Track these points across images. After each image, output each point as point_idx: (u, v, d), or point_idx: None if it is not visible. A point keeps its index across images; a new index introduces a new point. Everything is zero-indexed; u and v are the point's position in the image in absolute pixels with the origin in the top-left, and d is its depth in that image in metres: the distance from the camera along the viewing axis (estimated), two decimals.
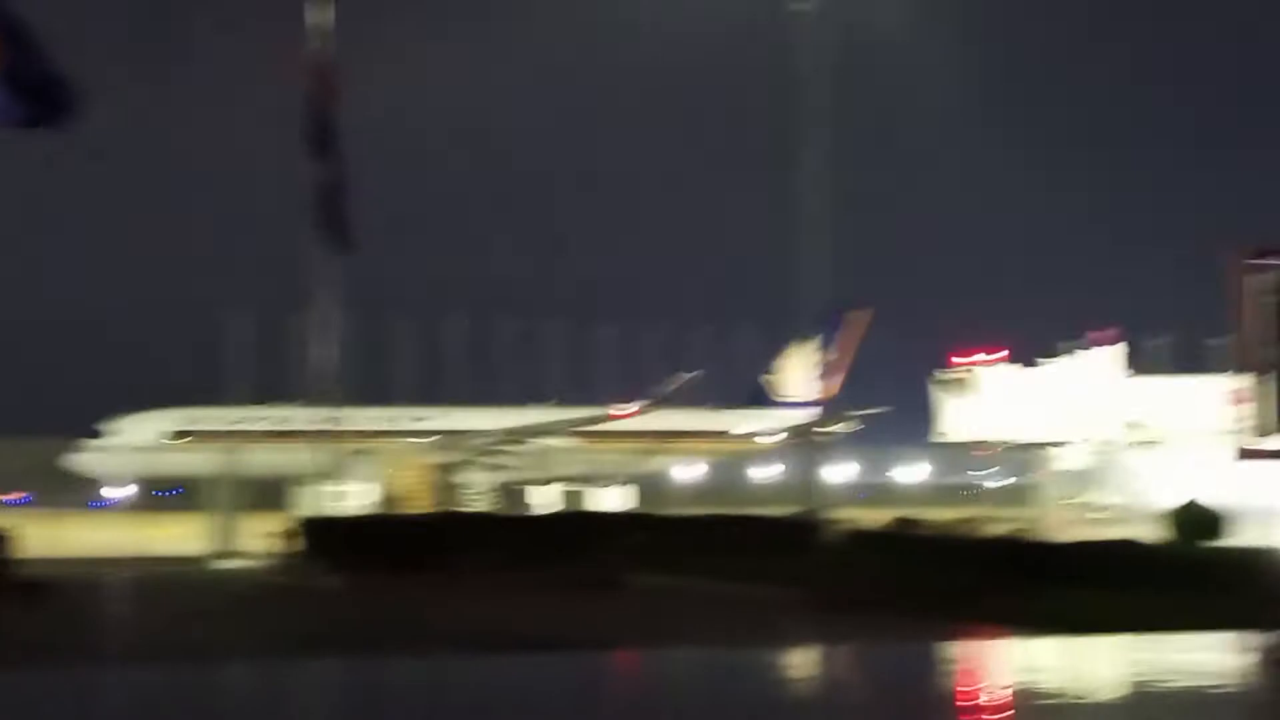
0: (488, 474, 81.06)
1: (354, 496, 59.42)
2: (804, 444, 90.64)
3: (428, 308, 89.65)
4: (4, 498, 76.10)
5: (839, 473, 63.06)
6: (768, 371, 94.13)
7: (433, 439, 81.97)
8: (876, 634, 26.22)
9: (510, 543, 38.74)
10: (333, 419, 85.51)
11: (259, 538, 45.16)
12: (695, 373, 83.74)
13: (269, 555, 40.98)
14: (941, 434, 54.03)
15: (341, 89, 38.41)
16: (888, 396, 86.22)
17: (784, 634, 26.67)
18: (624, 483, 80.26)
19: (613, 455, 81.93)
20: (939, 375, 54.26)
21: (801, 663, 22.13)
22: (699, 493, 76.63)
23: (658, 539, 40.37)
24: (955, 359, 54.17)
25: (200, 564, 44.30)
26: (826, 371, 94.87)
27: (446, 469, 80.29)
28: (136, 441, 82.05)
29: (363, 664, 21.09)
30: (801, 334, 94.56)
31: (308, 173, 38.75)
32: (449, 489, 77.66)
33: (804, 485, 46.04)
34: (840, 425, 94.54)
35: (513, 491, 77.06)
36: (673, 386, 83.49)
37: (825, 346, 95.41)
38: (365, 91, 39.93)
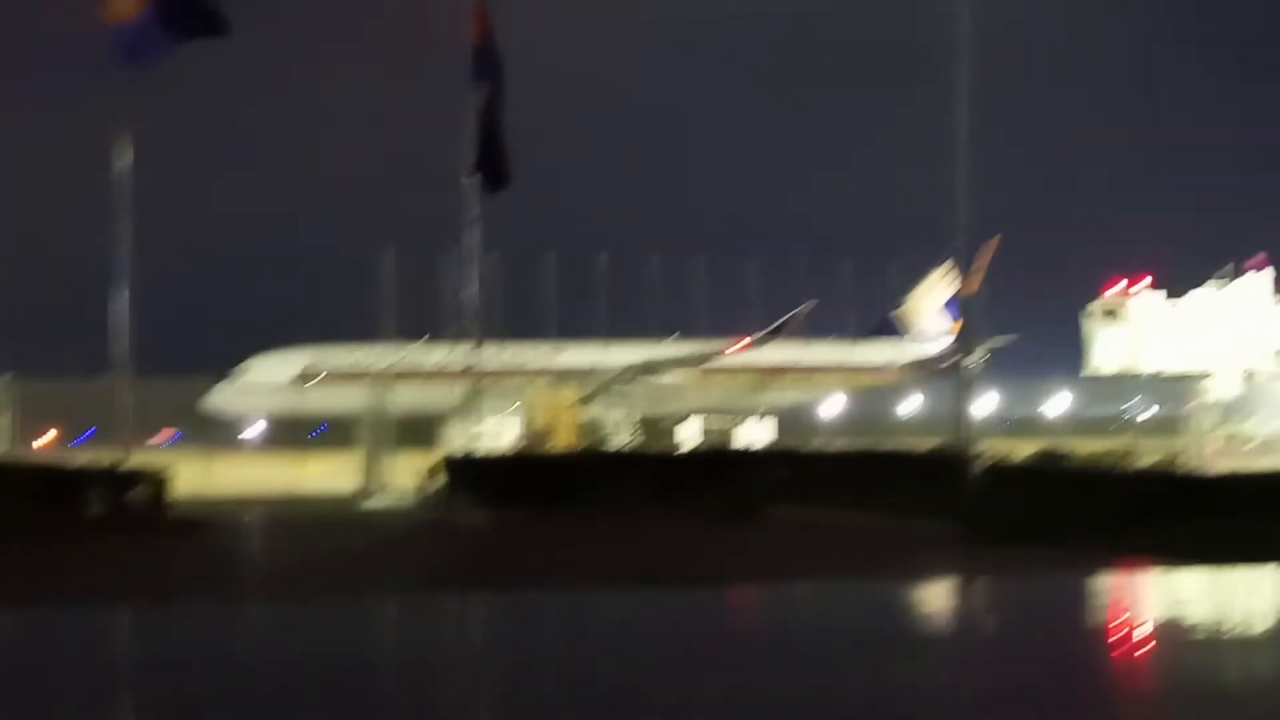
0: (614, 410, 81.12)
1: (497, 434, 59.93)
2: (945, 375, 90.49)
3: (568, 245, 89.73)
4: (156, 438, 77.35)
5: (983, 404, 62.46)
6: (898, 303, 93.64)
7: (552, 376, 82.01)
8: (1024, 567, 26.00)
9: (652, 479, 38.77)
10: (457, 357, 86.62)
11: (405, 475, 45.65)
12: (806, 305, 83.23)
13: (415, 493, 41.36)
14: (1093, 365, 53.50)
15: (493, 27, 38.38)
16: (1034, 326, 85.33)
17: (930, 567, 26.49)
18: (762, 417, 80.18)
19: (736, 389, 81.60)
20: (1090, 306, 53.69)
21: (949, 596, 22.00)
22: (842, 426, 76.25)
23: (801, 474, 40.24)
24: (1106, 289, 53.58)
25: (348, 502, 44.82)
26: (956, 301, 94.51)
27: (583, 405, 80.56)
28: (265, 381, 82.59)
29: (511, 599, 21.22)
30: (932, 264, 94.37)
31: (459, 113, 38.97)
32: (592, 426, 78.00)
33: (948, 418, 45.57)
34: (970, 356, 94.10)
35: (656, 428, 77.21)
36: (786, 319, 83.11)
37: (957, 277, 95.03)
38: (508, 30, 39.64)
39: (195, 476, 43.56)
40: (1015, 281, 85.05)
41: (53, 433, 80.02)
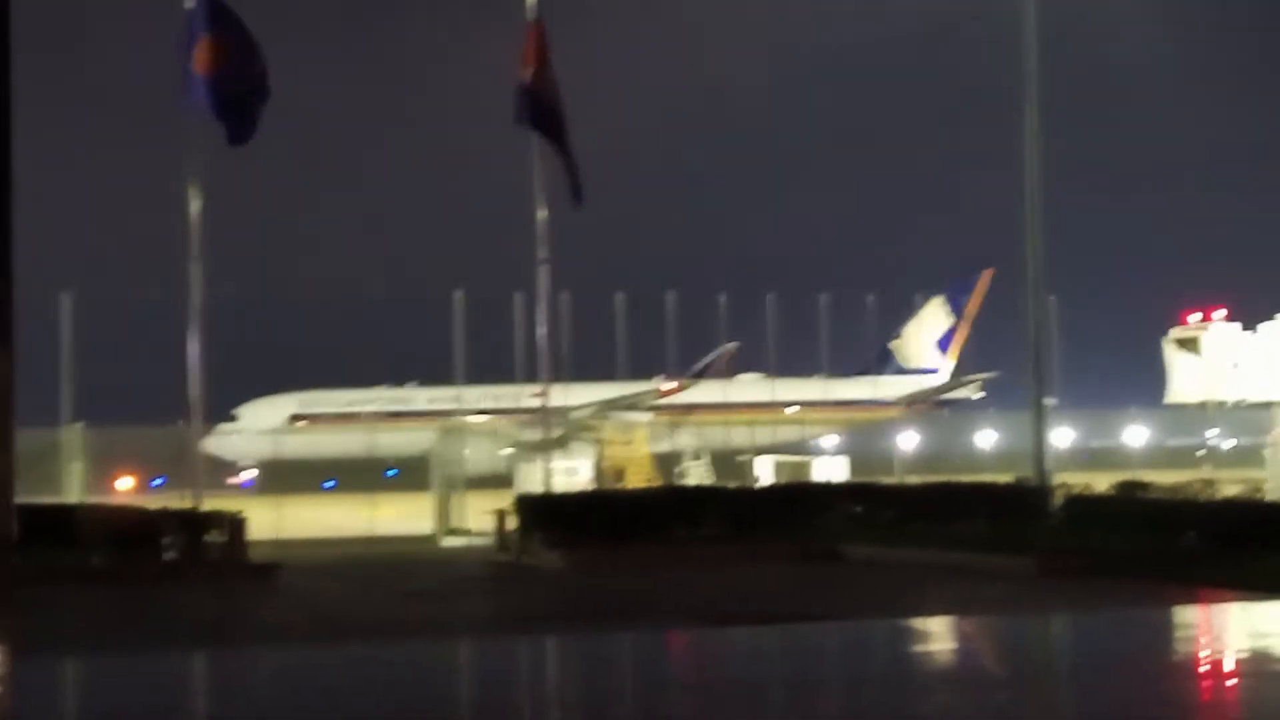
0: (590, 449, 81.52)
1: (572, 473, 59.93)
2: (940, 408, 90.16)
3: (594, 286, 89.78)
4: (234, 480, 77.79)
5: (1060, 436, 62.04)
6: (895, 336, 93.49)
7: (527, 416, 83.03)
8: (1106, 600, 25.77)
9: (728, 516, 38.67)
10: (445, 398, 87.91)
11: (478, 516, 45.66)
12: (730, 346, 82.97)
13: (489, 533, 41.36)
14: (1172, 394, 53.01)
15: (551, 59, 38.57)
16: (1113, 355, 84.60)
17: (1010, 602, 26.30)
18: (837, 452, 79.97)
19: (722, 428, 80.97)
20: (1169, 335, 53.25)
21: (1033, 631, 21.78)
22: (917, 460, 75.86)
23: (877, 509, 40.08)
24: (1184, 318, 53.13)
25: (423, 543, 44.86)
26: (953, 334, 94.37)
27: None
28: (259, 425, 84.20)
29: (593, 638, 21.15)
30: (927, 297, 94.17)
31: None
32: (666, 463, 78.08)
33: (1025, 450, 45.27)
34: (965, 390, 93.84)
35: (733, 464, 77.03)
36: (710, 360, 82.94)
37: (953, 310, 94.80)
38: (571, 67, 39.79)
39: (270, 519, 43.70)
40: (1093, 310, 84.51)
41: (130, 479, 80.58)
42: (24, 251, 6.83)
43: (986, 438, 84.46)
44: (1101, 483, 40.32)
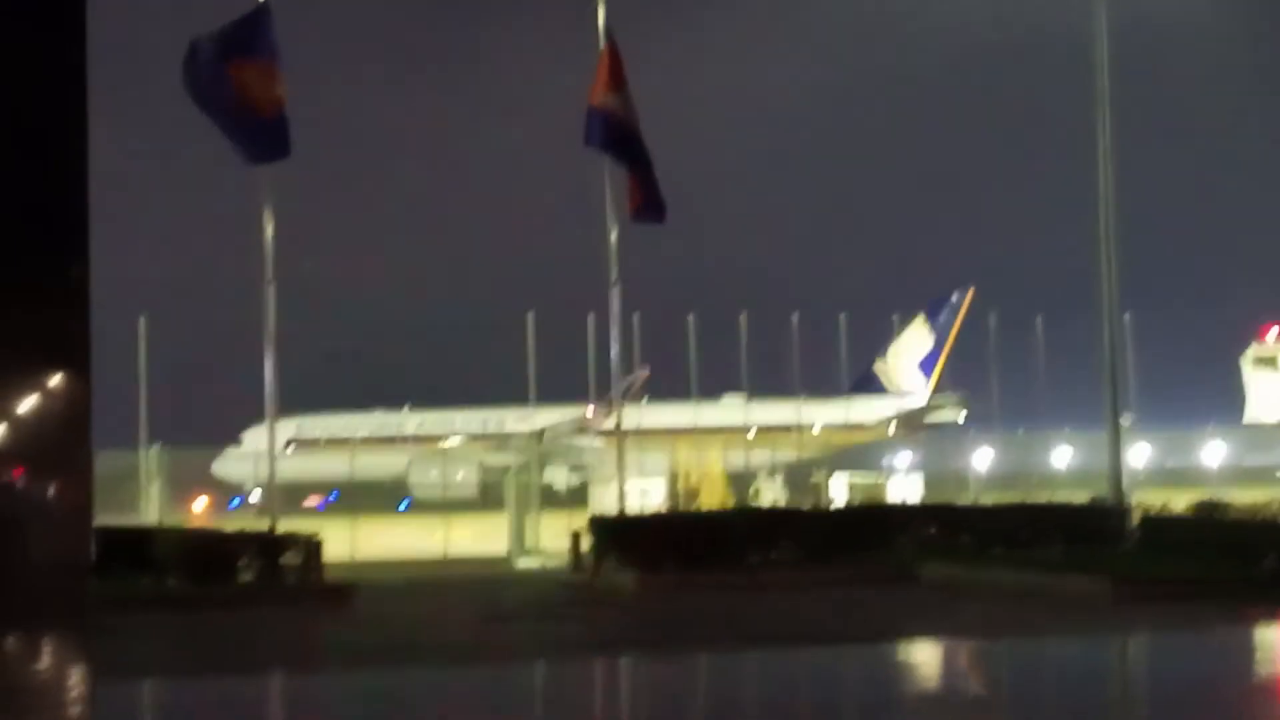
0: (566, 472, 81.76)
1: (645, 494, 59.82)
2: (924, 430, 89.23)
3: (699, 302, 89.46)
4: (310, 501, 78.29)
5: (1137, 455, 61.52)
6: (879, 357, 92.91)
7: (485, 439, 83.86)
8: (1185, 622, 25.48)
9: (801, 538, 38.48)
10: (433, 423, 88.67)
11: (552, 537, 45.64)
12: (642, 370, 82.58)
13: (563, 554, 41.32)
14: (1250, 413, 52.59)
15: (627, 79, 38.58)
16: (1190, 373, 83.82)
17: (1089, 626, 26.06)
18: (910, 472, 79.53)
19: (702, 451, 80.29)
20: (1248, 353, 52.86)
21: (1114, 653, 21.58)
22: (992, 480, 75.33)
23: (951, 530, 39.82)
24: (1262, 336, 52.76)
25: (497, 564, 44.88)
26: (934, 355, 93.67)
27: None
28: (260, 448, 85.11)
29: (670, 661, 21.08)
30: (910, 318, 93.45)
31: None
32: (740, 484, 77.88)
33: (1101, 470, 44.92)
34: (944, 411, 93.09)
35: (808, 485, 76.77)
36: (624, 385, 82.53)
37: (934, 332, 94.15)
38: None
39: (345, 540, 43.85)
40: (1171, 327, 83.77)
41: (205, 499, 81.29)
42: (99, 276, 6.88)
43: (1063, 456, 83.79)
44: (1179, 501, 39.94)
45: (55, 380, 5.84)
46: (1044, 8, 51.64)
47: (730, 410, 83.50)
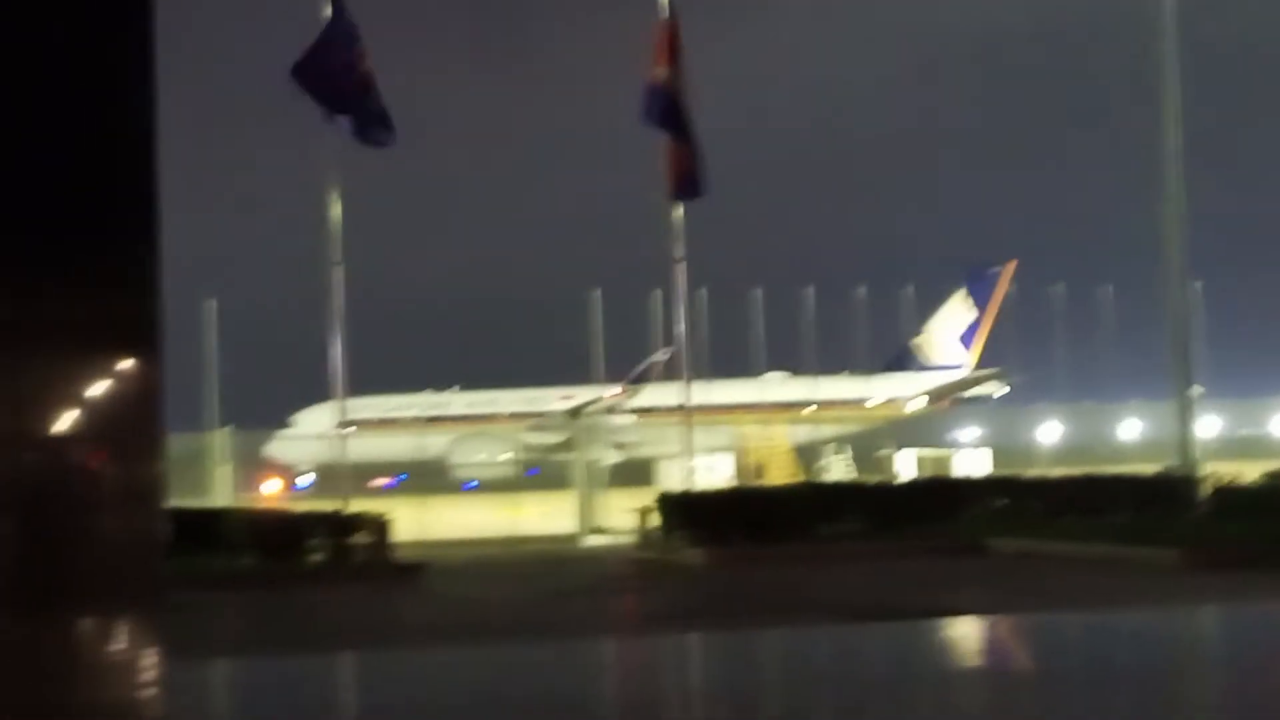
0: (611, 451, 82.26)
1: (711, 470, 59.93)
2: (961, 404, 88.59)
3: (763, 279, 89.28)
4: (378, 482, 78.82)
5: (1207, 426, 61.23)
6: (918, 334, 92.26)
7: (535, 420, 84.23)
8: (1261, 590, 25.34)
9: (869, 511, 38.50)
10: (480, 403, 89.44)
11: (620, 514, 45.76)
12: (663, 352, 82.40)
13: (631, 531, 41.45)
14: None
15: (682, 57, 38.59)
16: (1267, 342, 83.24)
17: (1164, 593, 25.97)
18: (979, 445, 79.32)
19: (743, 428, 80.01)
20: None
21: (1187, 624, 21.49)
22: (1060, 452, 75.08)
23: (1021, 502, 39.73)
24: None
25: (566, 542, 45.06)
26: (975, 331, 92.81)
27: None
28: (310, 431, 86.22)
29: (742, 634, 21.13)
30: (951, 293, 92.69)
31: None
32: (807, 459, 77.95)
33: (1170, 441, 44.71)
34: (986, 387, 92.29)
35: (873, 459, 76.77)
36: (644, 367, 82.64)
37: (976, 305, 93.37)
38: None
39: (414, 520, 44.07)
40: (1240, 296, 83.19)
41: (277, 480, 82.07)
42: (169, 259, 6.93)
43: (1131, 428, 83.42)
44: (1251, 472, 39.72)
45: (128, 364, 5.87)
46: None
47: (774, 387, 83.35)
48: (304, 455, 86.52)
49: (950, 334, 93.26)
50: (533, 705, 14.06)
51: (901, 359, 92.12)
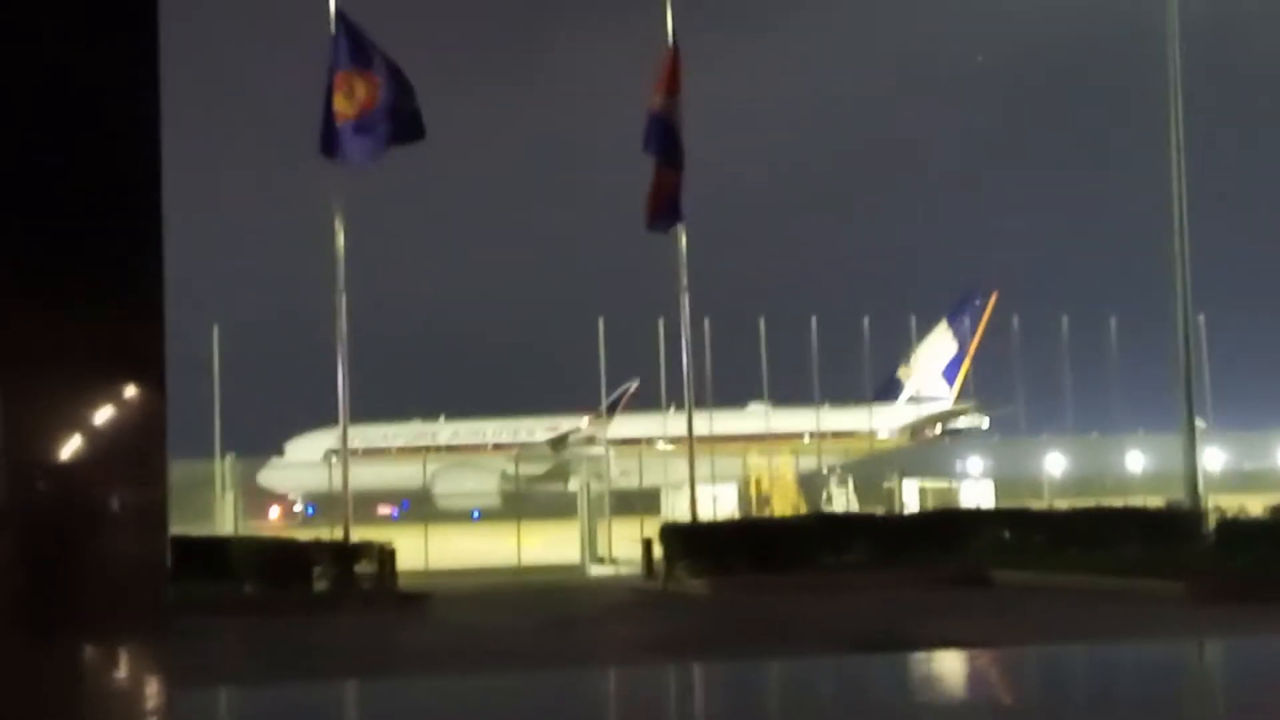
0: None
1: (716, 500, 59.85)
2: (947, 436, 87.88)
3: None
4: (384, 510, 78.80)
5: (1210, 458, 61.15)
6: (903, 363, 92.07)
7: (516, 451, 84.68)
8: (1266, 623, 25.24)
9: (875, 542, 38.44)
10: (466, 432, 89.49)
11: (624, 544, 45.73)
12: (631, 384, 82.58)
13: (635, 561, 41.40)
14: None
15: (682, 85, 38.54)
16: (1271, 375, 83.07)
17: (1169, 626, 25.89)
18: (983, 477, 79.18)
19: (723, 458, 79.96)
20: None
21: (1194, 657, 21.40)
22: (1065, 484, 74.96)
23: (1025, 534, 39.67)
24: None
25: (569, 572, 44.99)
26: (959, 362, 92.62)
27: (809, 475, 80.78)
28: (299, 459, 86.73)
29: (745, 665, 21.06)
30: (934, 322, 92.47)
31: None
32: (811, 490, 77.79)
33: (1173, 473, 44.69)
34: (968, 418, 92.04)
35: (877, 489, 76.64)
36: (616, 396, 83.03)
37: (957, 334, 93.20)
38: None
39: (418, 549, 44.06)
40: (1244, 329, 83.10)
41: (279, 508, 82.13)
42: (174, 285, 6.91)
43: (1135, 460, 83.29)
44: (1255, 505, 39.70)
45: (131, 388, 5.83)
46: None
47: (754, 419, 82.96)
48: (294, 484, 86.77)
49: (933, 365, 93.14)
50: None
51: (887, 389, 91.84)
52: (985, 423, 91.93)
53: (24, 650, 6.73)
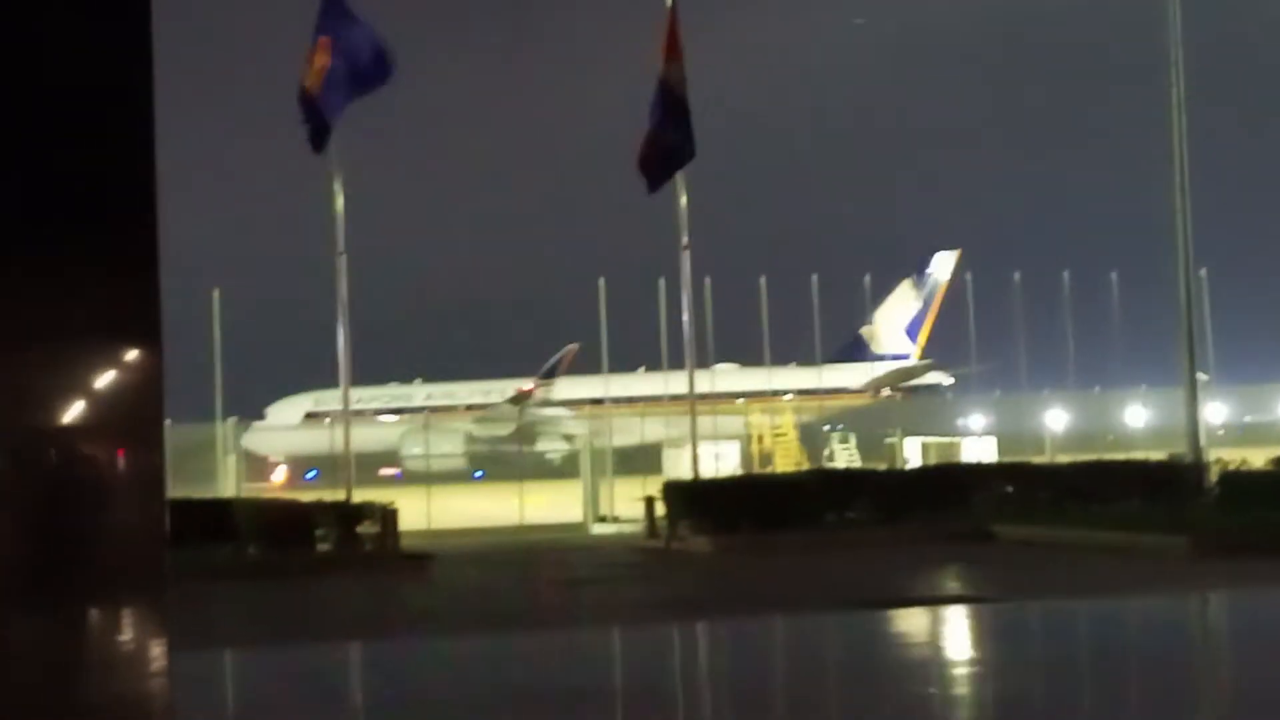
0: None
1: (718, 457, 59.84)
2: (913, 393, 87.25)
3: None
4: (387, 471, 78.79)
5: (1212, 412, 61.15)
6: (867, 322, 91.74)
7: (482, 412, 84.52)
8: (1268, 576, 25.29)
9: (877, 499, 38.43)
10: (439, 394, 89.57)
11: (627, 503, 45.74)
12: (571, 347, 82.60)
13: (638, 520, 41.41)
14: None
15: (682, 53, 38.27)
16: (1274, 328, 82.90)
17: (1172, 580, 25.93)
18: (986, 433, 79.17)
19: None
20: None
21: (1197, 611, 21.45)
22: (1067, 439, 74.94)
23: (1027, 489, 39.69)
24: None
25: (572, 531, 45.04)
26: (921, 319, 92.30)
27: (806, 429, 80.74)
28: (280, 423, 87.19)
29: (739, 624, 21.10)
30: (898, 281, 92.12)
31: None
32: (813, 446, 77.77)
33: (1176, 427, 44.69)
34: (934, 376, 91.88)
35: (880, 445, 76.60)
36: (554, 361, 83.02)
37: (920, 293, 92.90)
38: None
39: (421, 509, 44.10)
40: (1246, 283, 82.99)
41: (284, 470, 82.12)
42: (171, 251, 6.88)
43: (1137, 415, 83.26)
44: (1257, 458, 39.70)
45: (127, 354, 5.82)
46: None
47: (724, 377, 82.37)
48: (273, 447, 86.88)
49: (896, 323, 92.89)
50: (542, 694, 14.03)
51: (851, 349, 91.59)
52: (948, 380, 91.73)
53: (25, 618, 6.74)
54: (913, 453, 70.03)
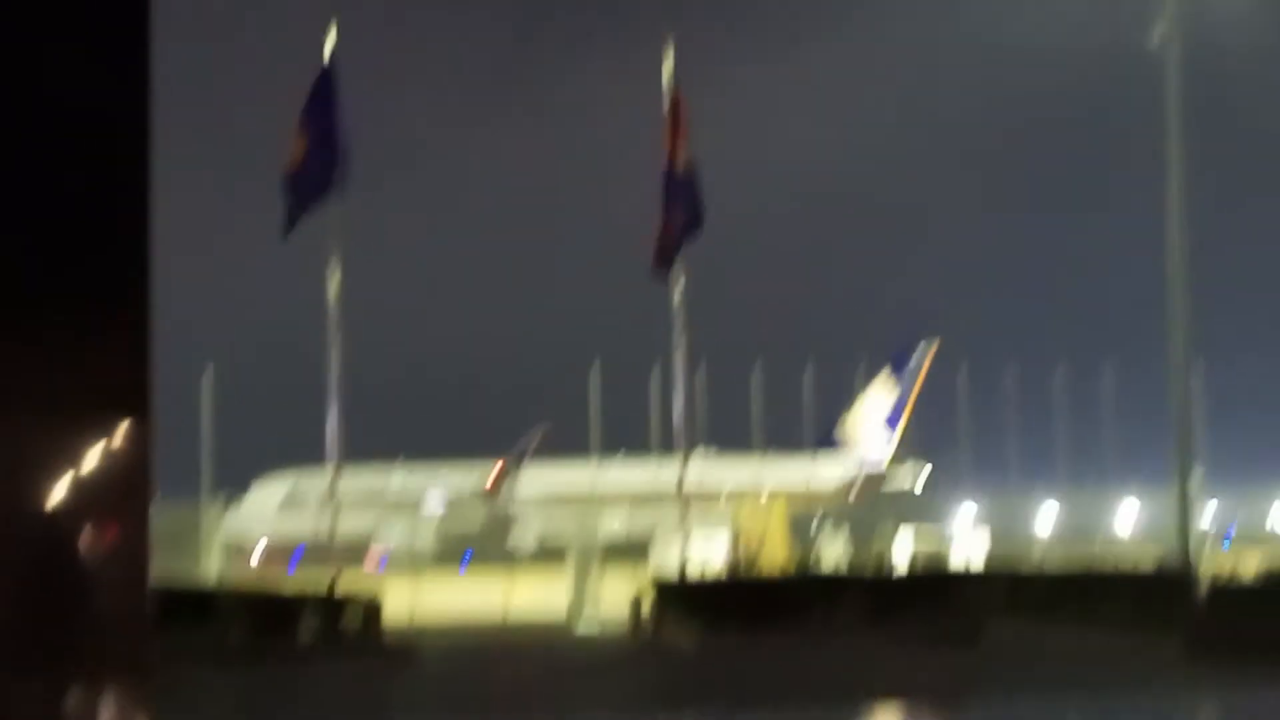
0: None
1: (705, 552, 59.48)
2: (886, 494, 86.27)
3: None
4: (370, 558, 78.35)
5: (1206, 513, 60.97)
6: (844, 413, 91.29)
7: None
8: (1259, 684, 25.22)
9: (867, 602, 38.18)
10: (422, 481, 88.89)
11: (613, 595, 45.39)
12: (538, 430, 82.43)
13: (625, 616, 41.08)
14: None
15: (689, 131, 38.29)
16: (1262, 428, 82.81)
17: (1162, 687, 25.79)
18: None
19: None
20: None
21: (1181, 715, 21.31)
22: (1058, 538, 74.82)
23: (1019, 593, 39.45)
24: None
25: (559, 625, 44.63)
26: (897, 411, 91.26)
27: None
28: (259, 507, 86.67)
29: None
30: (875, 372, 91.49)
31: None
32: (805, 545, 77.45)
33: (1168, 528, 44.59)
34: (906, 473, 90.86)
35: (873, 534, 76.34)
36: (521, 447, 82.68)
37: (898, 384, 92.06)
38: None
39: (406, 599, 43.76)
40: (1243, 376, 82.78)
41: (263, 551, 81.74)
42: (163, 327, 6.77)
43: (1130, 510, 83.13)
44: (1251, 564, 39.60)
45: (118, 430, 5.76)
46: (1099, 31, 51.24)
47: (713, 467, 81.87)
48: (252, 531, 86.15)
49: (875, 415, 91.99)
50: None
51: (831, 438, 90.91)
52: (919, 479, 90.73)
53: (9, 696, 6.61)
54: (902, 550, 69.80)
